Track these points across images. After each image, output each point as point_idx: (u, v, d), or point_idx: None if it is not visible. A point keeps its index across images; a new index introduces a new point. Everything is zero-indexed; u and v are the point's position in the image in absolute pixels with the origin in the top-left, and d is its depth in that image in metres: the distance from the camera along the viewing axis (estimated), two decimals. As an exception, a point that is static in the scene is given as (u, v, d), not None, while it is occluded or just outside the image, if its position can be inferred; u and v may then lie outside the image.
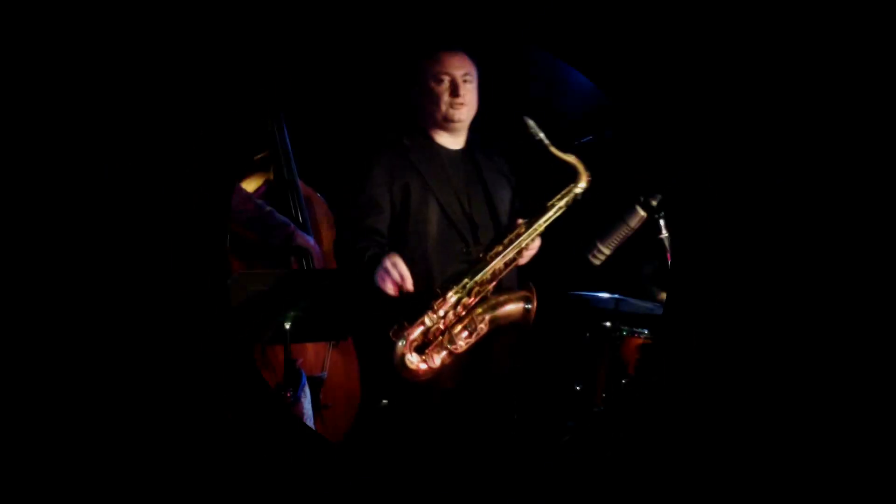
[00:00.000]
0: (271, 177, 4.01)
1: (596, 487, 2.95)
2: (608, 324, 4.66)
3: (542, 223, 3.22)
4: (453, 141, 3.37)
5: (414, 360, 3.11)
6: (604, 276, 3.84)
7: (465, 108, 3.30)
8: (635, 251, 4.55)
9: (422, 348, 3.13)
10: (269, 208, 3.75)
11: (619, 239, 3.29)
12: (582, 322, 4.74)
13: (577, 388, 4.73)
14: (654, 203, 3.24)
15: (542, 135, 3.22)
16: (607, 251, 3.30)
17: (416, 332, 3.12)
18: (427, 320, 3.12)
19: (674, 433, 2.88)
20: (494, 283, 3.19)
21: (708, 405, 2.86)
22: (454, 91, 3.27)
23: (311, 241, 3.87)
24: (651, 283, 4.94)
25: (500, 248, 3.19)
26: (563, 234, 3.36)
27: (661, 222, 3.24)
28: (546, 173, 3.35)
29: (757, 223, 2.87)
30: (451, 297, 3.13)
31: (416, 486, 3.42)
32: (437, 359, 3.12)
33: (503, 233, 3.26)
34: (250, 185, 3.96)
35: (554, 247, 3.43)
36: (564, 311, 4.24)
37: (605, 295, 4.47)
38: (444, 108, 3.28)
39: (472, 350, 3.18)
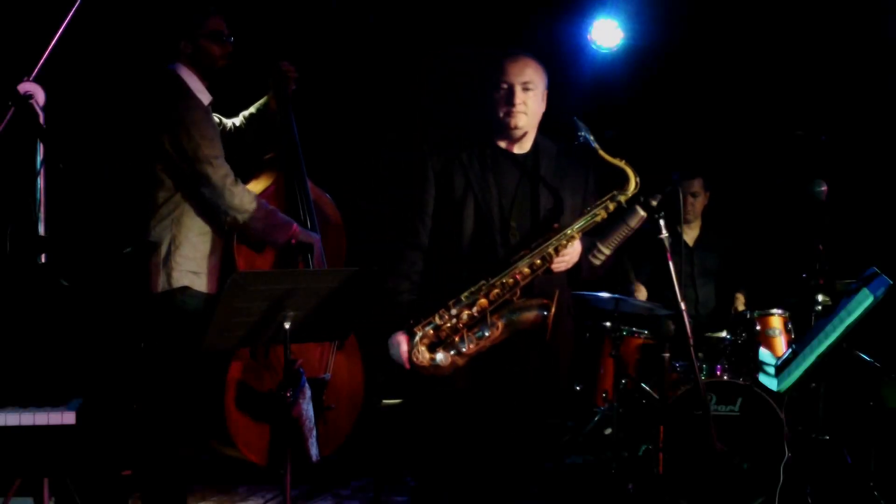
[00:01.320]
0: (280, 177, 4.02)
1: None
2: (608, 324, 4.67)
3: (574, 229, 3.18)
4: (516, 145, 3.33)
5: (421, 356, 3.11)
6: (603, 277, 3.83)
7: (522, 115, 3.25)
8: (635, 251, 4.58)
9: (435, 345, 3.14)
10: (271, 206, 3.76)
11: (618, 239, 3.28)
12: (582, 322, 4.74)
13: (577, 388, 4.73)
14: (654, 203, 3.23)
15: (591, 137, 3.19)
16: (607, 251, 3.29)
17: (427, 329, 3.13)
18: (437, 318, 3.13)
19: None
20: (520, 286, 3.14)
21: None
22: (509, 99, 3.24)
23: (314, 236, 3.88)
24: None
25: (526, 251, 3.17)
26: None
27: (661, 222, 3.23)
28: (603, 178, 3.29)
29: None
30: (465, 297, 3.13)
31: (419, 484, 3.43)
32: (445, 356, 3.12)
33: (535, 237, 3.21)
34: (258, 185, 3.97)
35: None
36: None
37: (605, 295, 4.48)
38: (501, 114, 3.27)
39: (498, 353, 3.16)
